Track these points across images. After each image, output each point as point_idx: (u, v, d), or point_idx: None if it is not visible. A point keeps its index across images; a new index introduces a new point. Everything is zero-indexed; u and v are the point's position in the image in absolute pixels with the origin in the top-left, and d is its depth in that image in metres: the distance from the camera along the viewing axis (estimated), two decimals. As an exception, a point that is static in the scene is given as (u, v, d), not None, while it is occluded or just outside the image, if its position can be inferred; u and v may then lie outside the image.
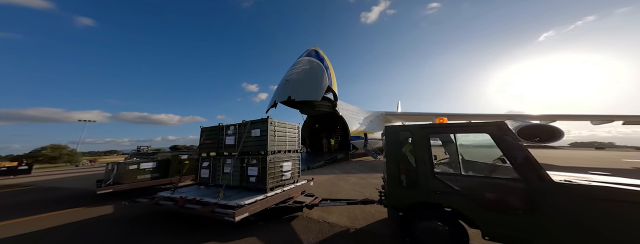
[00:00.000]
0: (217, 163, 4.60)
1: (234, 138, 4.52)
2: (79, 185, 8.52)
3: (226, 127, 4.74)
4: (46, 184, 9.34)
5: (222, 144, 4.68)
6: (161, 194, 4.15)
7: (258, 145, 4.18)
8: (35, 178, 12.01)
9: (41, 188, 8.38)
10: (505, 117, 21.41)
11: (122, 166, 5.72)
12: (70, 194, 6.77)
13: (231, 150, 4.53)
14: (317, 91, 12.49)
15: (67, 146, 29.90)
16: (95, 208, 4.94)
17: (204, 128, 5.18)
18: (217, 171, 4.54)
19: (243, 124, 4.49)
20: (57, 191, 7.36)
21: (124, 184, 5.47)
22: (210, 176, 4.62)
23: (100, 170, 16.01)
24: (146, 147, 9.44)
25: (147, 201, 3.94)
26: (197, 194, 3.90)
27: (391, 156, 3.08)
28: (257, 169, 3.96)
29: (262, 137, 4.16)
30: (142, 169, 5.96)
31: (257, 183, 3.93)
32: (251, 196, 3.60)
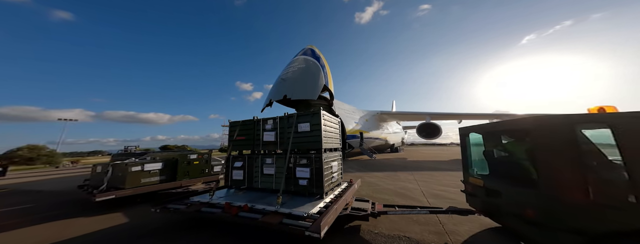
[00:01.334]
0: (253, 163, 4.01)
1: (275, 134, 3.93)
2: (61, 188, 8.02)
3: (263, 122, 4.16)
4: (23, 186, 8.73)
5: (259, 141, 4.11)
6: (196, 200, 3.59)
7: (308, 142, 3.65)
8: (11, 181, 11.21)
9: (19, 190, 7.81)
10: (494, 116, 22.25)
11: (120, 167, 4.86)
12: (57, 199, 6.00)
13: (271, 148, 4.00)
14: (314, 90, 12.42)
15: (46, 147, 28.14)
16: (96, 218, 4.16)
17: (233, 122, 4.60)
18: (254, 172, 3.97)
19: (285, 117, 3.95)
20: (38, 195, 6.88)
21: (126, 189, 4.63)
22: (245, 178, 4.03)
23: (83, 172, 15.19)
24: (134, 147, 8.97)
25: (184, 207, 3.32)
26: (241, 200, 3.34)
27: (556, 152, 2.10)
28: (309, 171, 3.39)
29: (313, 133, 3.61)
30: (147, 171, 5.11)
31: (309, 187, 3.38)
32: (308, 202, 3.11)
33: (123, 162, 4.93)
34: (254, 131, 4.25)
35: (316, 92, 12.53)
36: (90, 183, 5.32)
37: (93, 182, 5.28)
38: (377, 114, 24.65)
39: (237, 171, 4.14)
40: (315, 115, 3.68)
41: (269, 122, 4.11)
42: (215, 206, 3.28)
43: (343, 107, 17.42)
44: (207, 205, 3.32)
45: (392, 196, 5.46)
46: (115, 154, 7.40)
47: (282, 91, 13.01)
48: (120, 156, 6.94)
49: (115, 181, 4.80)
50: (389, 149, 28.64)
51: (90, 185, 5.20)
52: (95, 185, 5.06)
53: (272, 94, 13.79)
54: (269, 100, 13.71)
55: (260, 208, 2.99)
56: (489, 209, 2.94)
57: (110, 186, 4.78)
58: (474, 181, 3.14)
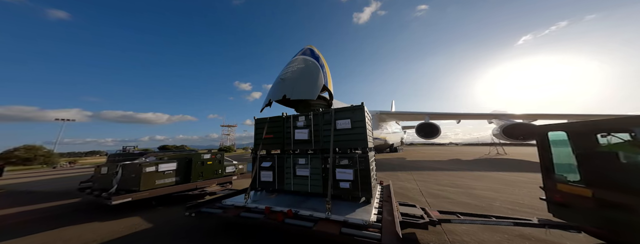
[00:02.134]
0: (283, 163, 3.72)
1: (308, 132, 3.60)
2: (62, 188, 7.96)
3: (294, 118, 3.86)
4: (21, 187, 8.67)
5: (290, 139, 3.79)
6: (229, 203, 3.34)
7: (350, 140, 3.29)
8: (8, 181, 11.12)
9: (19, 191, 7.76)
10: (492, 116, 22.40)
11: (133, 168, 4.49)
12: (62, 201, 5.65)
13: (304, 147, 3.67)
14: (313, 90, 12.41)
15: (43, 147, 27.93)
16: (115, 222, 3.82)
17: (259, 119, 4.32)
18: (285, 173, 3.67)
19: (320, 113, 3.63)
20: (40, 197, 6.82)
21: (143, 192, 4.30)
22: (275, 180, 3.73)
23: (80, 172, 15.10)
24: (133, 147, 8.92)
25: (220, 212, 3.07)
26: (277, 204, 3.09)
27: None
28: (352, 172, 3.06)
29: (355, 130, 3.26)
30: (161, 172, 4.73)
31: (353, 190, 3.06)
32: (356, 207, 2.83)
33: (136, 163, 4.66)
34: (283, 129, 3.93)
35: (316, 92, 12.52)
36: (95, 185, 4.98)
37: (98, 184, 4.93)
38: (377, 114, 24.69)
39: (265, 172, 3.81)
40: (358, 111, 3.31)
41: (300, 119, 3.77)
42: (254, 210, 3.01)
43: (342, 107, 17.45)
44: (243, 209, 3.07)
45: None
46: (111, 154, 7.28)
47: (281, 91, 12.98)
48: (116, 156, 6.85)
49: (126, 183, 4.47)
50: (388, 149, 28.70)
51: (95, 187, 4.87)
52: (101, 187, 4.77)
53: (272, 94, 13.76)
54: (269, 100, 13.70)
55: (306, 214, 2.71)
56: (611, 228, 2.30)
57: (120, 188, 4.47)
58: (569, 189, 2.54)
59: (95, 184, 4.96)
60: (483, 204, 4.44)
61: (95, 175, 5.12)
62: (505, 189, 5.87)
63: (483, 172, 9.02)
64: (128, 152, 7.63)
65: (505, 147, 24.83)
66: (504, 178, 7.58)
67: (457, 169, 10.34)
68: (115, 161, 6.69)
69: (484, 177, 7.78)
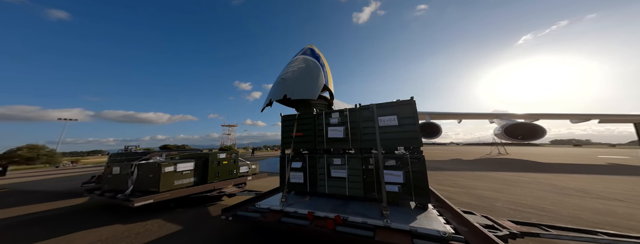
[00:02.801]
0: (315, 164, 3.48)
1: (344, 129, 3.36)
2: (68, 188, 8.02)
3: (327, 115, 3.62)
4: (27, 186, 8.74)
5: (322, 137, 3.55)
6: (265, 206, 3.12)
7: (396, 138, 3.01)
8: (12, 180, 11.21)
9: (24, 190, 7.82)
10: (493, 116, 22.31)
11: (150, 168, 4.26)
12: (72, 202, 5.52)
13: (339, 146, 3.43)
14: (314, 90, 12.41)
15: (46, 146, 28.13)
16: (139, 225, 3.65)
17: (286, 116, 4.06)
18: (318, 174, 3.43)
19: (357, 109, 3.38)
20: (46, 196, 6.87)
21: (163, 193, 4.08)
22: (306, 182, 3.49)
23: (83, 171, 15.20)
24: (134, 146, 8.95)
25: (258, 216, 2.84)
26: (316, 208, 2.84)
27: None
28: (402, 174, 2.77)
29: (405, 127, 2.96)
30: (180, 172, 4.48)
31: (403, 194, 2.77)
32: (413, 214, 2.55)
33: (154, 162, 4.45)
34: (314, 126, 3.68)
35: (316, 92, 12.53)
36: (107, 185, 4.71)
37: (110, 185, 4.69)
38: (377, 114, 24.66)
39: (295, 173, 3.57)
40: (407, 106, 2.99)
41: (334, 116, 3.54)
42: (294, 215, 2.78)
43: (343, 106, 17.47)
44: (282, 214, 2.84)
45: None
46: (113, 153, 7.18)
47: (282, 90, 13.00)
48: (118, 156, 6.85)
49: (143, 184, 4.25)
50: (389, 148, 28.65)
51: (106, 188, 4.62)
52: (113, 188, 4.56)
53: (272, 94, 13.77)
54: (269, 100, 13.73)
55: (357, 220, 2.46)
56: None
57: (136, 189, 4.24)
58: None
59: (108, 185, 4.72)
60: (485, 204, 4.43)
61: (105, 175, 4.88)
62: (507, 189, 5.85)
63: (484, 172, 8.99)
64: (130, 151, 7.62)
65: (506, 147, 24.72)
66: (505, 178, 7.55)
67: (458, 169, 10.31)
68: (118, 161, 6.56)
69: (485, 177, 7.76)
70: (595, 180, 7.06)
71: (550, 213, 3.80)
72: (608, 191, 5.50)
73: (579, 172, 8.73)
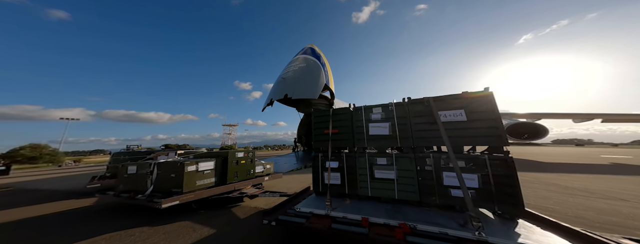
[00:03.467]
0: (354, 163, 3.18)
1: (389, 126, 3.04)
2: (75, 187, 8.07)
3: (366, 110, 3.30)
4: (34, 185, 8.80)
5: (362, 134, 3.24)
6: (306, 210, 2.82)
7: (466, 136, 2.59)
8: (16, 179, 11.30)
9: (32, 189, 7.88)
10: (495, 115, 22.18)
11: (172, 167, 4.06)
12: (86, 202, 5.33)
13: (384, 143, 3.11)
14: (314, 89, 12.43)
15: (48, 146, 28.36)
16: (170, 227, 3.48)
17: (318, 112, 3.79)
18: (358, 175, 3.13)
19: (407, 103, 3.02)
20: (55, 195, 6.91)
21: (188, 194, 3.90)
22: (345, 183, 3.19)
23: (86, 170, 15.30)
24: (136, 146, 8.98)
25: (304, 222, 2.57)
26: (366, 213, 2.55)
27: None
28: (477, 178, 2.38)
29: (476, 123, 2.54)
30: (201, 172, 4.24)
31: (481, 201, 2.36)
32: (503, 226, 2.15)
33: (176, 161, 4.26)
34: (351, 122, 3.39)
35: (317, 92, 12.53)
36: (122, 185, 4.51)
37: (126, 184, 4.47)
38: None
39: (331, 173, 3.25)
40: (482, 98, 2.55)
41: (376, 111, 3.20)
42: (343, 221, 2.48)
43: (344, 106, 17.44)
44: (329, 219, 2.56)
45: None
46: (115, 152, 7.13)
47: (283, 90, 13.01)
48: (121, 155, 6.87)
49: (164, 184, 4.05)
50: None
51: (121, 189, 4.45)
52: (129, 188, 4.36)
53: (273, 94, 13.81)
54: (270, 99, 13.74)
55: (432, 230, 2.11)
56: None
57: (156, 190, 4.06)
58: None
59: (121, 185, 4.55)
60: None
61: (120, 175, 4.65)
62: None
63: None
64: (133, 150, 7.61)
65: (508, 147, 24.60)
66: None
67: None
68: (121, 160, 6.54)
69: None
70: (599, 180, 7.01)
71: (555, 212, 3.78)
72: (612, 191, 5.46)
73: (582, 172, 8.67)
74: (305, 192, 3.88)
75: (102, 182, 5.96)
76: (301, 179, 7.35)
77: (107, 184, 5.92)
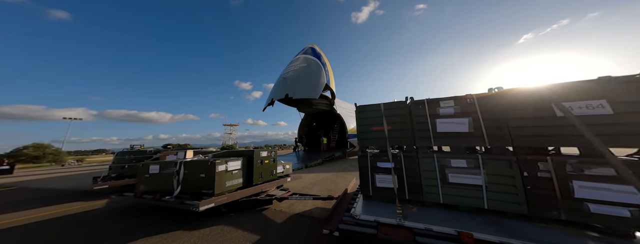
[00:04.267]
0: (414, 165, 2.79)
1: (469, 122, 2.58)
2: (82, 186, 8.15)
3: (431, 103, 2.85)
4: (43, 184, 8.90)
5: (426, 132, 2.82)
6: (368, 218, 2.46)
7: (613, 134, 2.04)
8: (21, 178, 11.43)
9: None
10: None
11: (202, 166, 3.78)
12: (103, 203, 5.10)
13: (460, 142, 2.67)
14: (315, 89, 12.46)
15: (51, 145, 28.60)
16: (206, 231, 3.25)
17: (363, 107, 3.37)
18: (421, 178, 2.74)
19: (494, 93, 2.56)
20: (64, 194, 6.96)
21: (221, 196, 3.65)
22: (404, 187, 2.80)
23: (89, 170, 15.42)
24: (139, 145, 9.01)
25: (374, 232, 2.27)
26: (458, 226, 2.14)
27: None
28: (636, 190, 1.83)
29: (629, 117, 2.01)
30: (230, 172, 3.97)
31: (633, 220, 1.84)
32: None
33: (205, 160, 3.95)
34: (409, 118, 2.98)
35: (318, 91, 12.56)
36: (143, 186, 4.25)
37: (147, 185, 4.21)
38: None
39: (383, 176, 2.90)
40: (633, 83, 2.01)
41: (446, 104, 2.74)
42: (430, 234, 2.11)
43: (344, 105, 17.46)
44: (405, 230, 2.23)
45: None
46: (119, 152, 7.05)
47: (284, 90, 13.06)
48: (125, 155, 6.72)
49: (191, 185, 3.79)
50: (391, 148, 28.70)
51: (142, 190, 4.19)
52: (152, 189, 4.11)
53: (274, 93, 13.86)
54: (271, 99, 13.79)
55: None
56: None
57: (183, 191, 3.80)
58: None
59: (142, 186, 4.30)
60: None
61: (140, 176, 4.37)
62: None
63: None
64: (138, 150, 7.55)
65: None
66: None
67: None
68: (126, 160, 6.57)
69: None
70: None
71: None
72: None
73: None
74: (345, 196, 3.53)
75: (110, 183, 5.86)
76: (305, 179, 7.32)
77: (114, 185, 5.85)
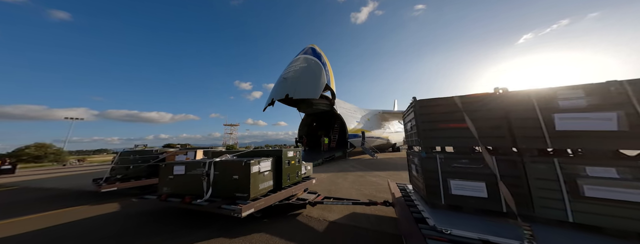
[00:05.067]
0: (517, 171, 2.23)
1: (621, 117, 1.94)
2: (86, 186, 8.18)
3: (541, 95, 2.27)
4: (37, 184, 8.94)
5: (537, 130, 2.23)
6: (464, 234, 1.99)
7: None
8: (22, 178, 11.48)
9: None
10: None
11: (234, 167, 3.47)
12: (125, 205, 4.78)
13: (601, 143, 2.01)
14: (315, 89, 12.49)
15: (53, 145, 28.78)
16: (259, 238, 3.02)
17: (425, 101, 2.94)
18: (531, 188, 2.17)
19: None
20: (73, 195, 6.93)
21: (260, 200, 3.37)
22: (502, 199, 2.22)
23: (91, 169, 15.49)
24: (142, 145, 8.94)
25: None
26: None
27: None
28: None
29: None
30: (262, 173, 3.68)
31: None
32: None
33: (239, 160, 3.60)
34: (505, 113, 2.42)
35: (318, 91, 12.59)
36: (166, 188, 3.93)
37: (172, 187, 3.90)
38: (379, 113, 24.61)
39: (462, 182, 2.41)
40: None
41: (571, 94, 2.15)
42: None
43: (344, 106, 17.46)
44: None
45: (394, 195, 5.49)
46: (125, 151, 6.63)
47: (284, 90, 13.10)
48: (130, 154, 6.45)
49: (222, 187, 3.49)
50: (391, 148, 28.63)
51: (167, 192, 3.91)
52: (178, 192, 3.80)
53: (274, 93, 13.90)
54: (271, 99, 13.83)
55: None
56: None
57: (214, 194, 3.51)
58: None
59: (166, 188, 4.00)
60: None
61: (163, 177, 4.04)
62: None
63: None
64: (143, 149, 7.37)
65: (510, 147, 24.51)
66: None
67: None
68: (131, 160, 6.26)
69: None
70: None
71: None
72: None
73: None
74: (398, 202, 3.17)
75: (119, 185, 5.57)
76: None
77: (122, 187, 5.58)
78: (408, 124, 3.58)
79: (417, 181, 3.13)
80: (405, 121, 3.89)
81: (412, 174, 3.51)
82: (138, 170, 6.25)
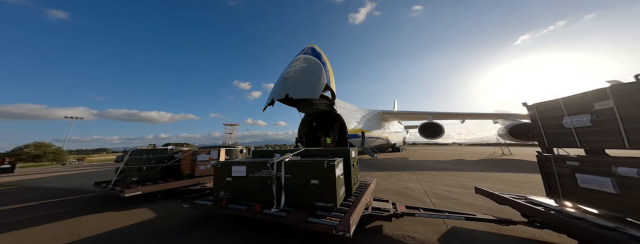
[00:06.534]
0: None
1: None
2: (90, 186, 8.11)
3: None
4: (38, 183, 8.89)
5: None
6: None
7: None
8: (22, 177, 11.44)
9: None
10: (497, 116, 22.04)
11: (313, 168, 2.81)
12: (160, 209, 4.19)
13: None
14: (315, 89, 12.46)
15: (52, 144, 28.74)
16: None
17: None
18: None
19: None
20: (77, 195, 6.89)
21: (354, 214, 2.68)
22: None
23: (91, 169, 15.44)
24: (150, 145, 8.79)
25: None
26: None
27: None
28: None
29: None
30: (340, 178, 3.11)
31: None
32: None
33: (320, 160, 2.86)
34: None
35: (318, 91, 12.56)
36: (224, 193, 3.34)
37: (232, 192, 3.32)
38: (379, 114, 24.60)
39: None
40: None
41: None
42: None
43: (344, 106, 17.42)
44: None
45: (395, 195, 5.45)
46: (133, 150, 5.95)
47: (284, 90, 13.08)
48: (142, 154, 5.92)
49: (295, 193, 2.87)
50: (391, 148, 28.62)
51: (226, 197, 3.30)
52: (241, 197, 3.22)
53: (274, 93, 13.88)
54: (271, 99, 13.80)
55: None
56: None
57: (287, 202, 2.91)
58: None
59: (222, 193, 3.42)
60: (490, 205, 4.37)
61: (218, 180, 3.42)
62: (512, 190, 5.76)
63: (488, 173, 8.88)
64: (156, 148, 6.98)
65: (510, 148, 24.47)
66: (510, 179, 7.44)
67: (462, 169, 10.20)
68: (144, 160, 5.63)
69: (489, 178, 7.65)
70: None
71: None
72: None
73: None
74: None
75: (143, 188, 4.77)
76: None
77: (147, 191, 4.76)
78: (585, 116, 2.32)
79: (615, 204, 2.07)
80: (569, 112, 2.48)
81: (584, 189, 2.33)
82: (153, 171, 5.69)
